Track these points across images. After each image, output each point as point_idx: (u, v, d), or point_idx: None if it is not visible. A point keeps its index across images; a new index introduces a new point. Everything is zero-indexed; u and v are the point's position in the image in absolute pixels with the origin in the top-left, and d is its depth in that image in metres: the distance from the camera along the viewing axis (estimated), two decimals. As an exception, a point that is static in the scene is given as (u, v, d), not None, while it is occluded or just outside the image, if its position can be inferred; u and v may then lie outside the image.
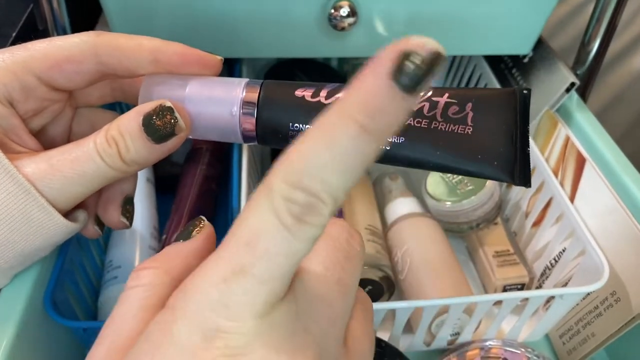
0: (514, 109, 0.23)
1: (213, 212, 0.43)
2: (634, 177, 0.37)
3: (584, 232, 0.35)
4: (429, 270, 0.39)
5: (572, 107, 0.43)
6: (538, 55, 0.46)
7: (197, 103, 0.25)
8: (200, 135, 0.25)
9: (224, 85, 0.25)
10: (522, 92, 0.23)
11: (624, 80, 0.64)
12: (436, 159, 0.24)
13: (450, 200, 0.41)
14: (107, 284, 0.36)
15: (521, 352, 0.36)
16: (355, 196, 0.43)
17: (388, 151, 0.24)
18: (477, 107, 0.23)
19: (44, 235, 0.24)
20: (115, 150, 0.23)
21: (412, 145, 0.23)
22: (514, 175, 0.23)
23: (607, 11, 0.41)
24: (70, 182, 0.23)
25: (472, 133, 0.23)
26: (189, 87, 0.25)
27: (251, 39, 0.40)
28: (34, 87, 0.25)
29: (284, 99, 0.24)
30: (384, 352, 0.34)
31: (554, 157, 0.42)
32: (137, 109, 0.23)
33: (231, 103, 0.24)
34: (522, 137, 0.23)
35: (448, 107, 0.23)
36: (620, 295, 0.35)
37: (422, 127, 0.23)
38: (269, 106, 0.24)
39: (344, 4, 0.38)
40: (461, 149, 0.23)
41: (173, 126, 0.23)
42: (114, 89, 0.29)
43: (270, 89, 0.25)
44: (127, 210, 0.28)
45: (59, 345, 0.32)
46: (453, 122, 0.23)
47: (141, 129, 0.23)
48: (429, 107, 0.23)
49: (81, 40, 0.24)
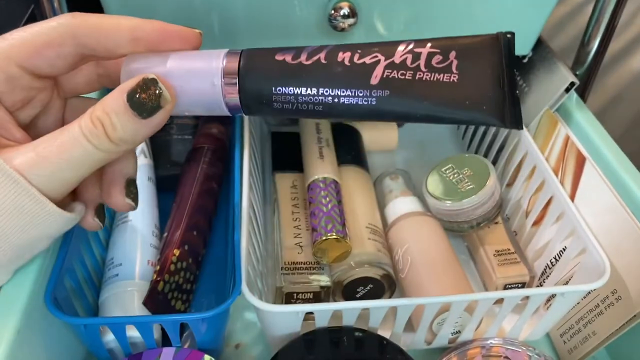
0: (499, 53, 0.23)
1: (214, 211, 0.43)
2: (634, 175, 0.37)
3: (585, 231, 0.35)
4: (430, 268, 0.39)
5: (572, 106, 0.43)
6: (538, 56, 0.46)
7: (178, 78, 0.24)
8: (185, 110, 0.25)
9: (204, 57, 0.25)
10: (506, 36, 0.23)
11: (623, 80, 0.64)
12: (423, 110, 0.23)
13: (451, 199, 0.41)
14: (108, 282, 0.36)
15: (522, 350, 0.36)
16: (356, 195, 0.43)
17: (373, 106, 0.24)
18: (461, 55, 0.23)
19: (39, 225, 0.24)
20: (102, 130, 0.23)
21: (397, 98, 0.23)
22: (505, 118, 0.23)
23: (607, 11, 0.42)
24: (59, 168, 0.23)
25: (458, 80, 0.23)
26: (169, 63, 0.25)
27: (251, 40, 0.41)
28: (18, 76, 0.24)
29: (265, 65, 0.24)
30: (385, 349, 0.34)
31: (554, 156, 0.42)
32: (120, 87, 0.23)
33: (212, 74, 0.24)
34: (509, 80, 0.23)
35: (431, 57, 0.23)
36: (621, 294, 0.35)
37: (407, 79, 0.23)
38: (250, 74, 0.24)
39: (344, 5, 0.38)
40: (448, 97, 0.23)
41: (158, 97, 0.23)
42: (100, 74, 0.29)
43: (250, 56, 0.25)
44: (130, 191, 0.28)
45: (59, 342, 0.32)
46: (438, 71, 0.23)
47: (126, 105, 0.23)
48: (411, 58, 0.23)
49: (58, 24, 0.24)
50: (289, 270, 0.38)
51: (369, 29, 0.40)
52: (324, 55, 0.24)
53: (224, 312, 0.31)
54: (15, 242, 0.24)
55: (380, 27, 0.41)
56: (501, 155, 0.47)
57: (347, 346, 0.34)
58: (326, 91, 0.24)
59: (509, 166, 0.46)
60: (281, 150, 0.48)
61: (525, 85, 0.47)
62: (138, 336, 0.32)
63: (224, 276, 0.39)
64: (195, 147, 0.45)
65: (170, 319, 0.31)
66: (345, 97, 0.24)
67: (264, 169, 0.48)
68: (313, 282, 0.38)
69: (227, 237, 0.40)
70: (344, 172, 0.44)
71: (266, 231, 0.43)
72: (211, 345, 0.34)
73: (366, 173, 0.46)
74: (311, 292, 0.38)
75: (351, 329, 0.34)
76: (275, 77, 0.24)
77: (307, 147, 0.44)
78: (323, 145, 0.44)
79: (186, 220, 0.38)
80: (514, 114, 0.23)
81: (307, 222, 0.40)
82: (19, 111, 0.26)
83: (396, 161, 0.53)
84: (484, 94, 0.23)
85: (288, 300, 0.38)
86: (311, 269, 0.38)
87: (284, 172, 0.45)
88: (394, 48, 0.24)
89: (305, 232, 0.40)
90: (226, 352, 0.39)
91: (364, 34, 0.41)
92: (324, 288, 0.38)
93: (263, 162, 0.49)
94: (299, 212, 0.42)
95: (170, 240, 0.37)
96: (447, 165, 0.43)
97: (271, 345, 0.36)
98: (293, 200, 0.43)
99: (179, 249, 0.36)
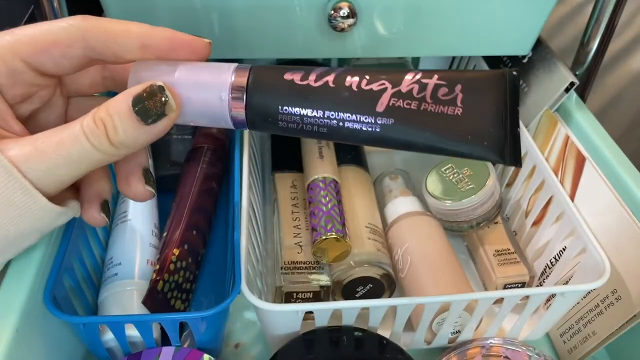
0: (503, 91, 0.23)
1: (214, 210, 0.43)
2: (634, 175, 0.37)
3: (585, 231, 0.35)
4: (430, 268, 0.39)
5: (572, 106, 0.43)
6: (537, 56, 0.46)
7: (186, 88, 0.24)
8: (191, 121, 0.25)
9: (213, 70, 0.25)
10: (512, 74, 0.24)
11: (622, 80, 0.64)
12: (426, 140, 0.24)
13: (451, 199, 0.41)
14: (108, 281, 0.36)
15: (522, 350, 0.36)
16: (356, 195, 0.43)
17: (377, 133, 0.24)
18: (466, 89, 0.23)
19: (30, 218, 0.24)
20: (103, 131, 0.23)
21: (401, 127, 0.24)
22: (505, 155, 0.23)
23: (606, 11, 0.42)
24: (55, 164, 0.23)
25: (462, 114, 0.23)
26: (177, 72, 0.25)
27: (251, 40, 0.41)
28: (22, 71, 0.24)
29: (273, 83, 0.24)
30: (385, 349, 0.34)
31: (553, 156, 0.42)
32: (127, 91, 0.23)
33: (220, 88, 0.24)
34: (511, 118, 0.23)
35: (437, 88, 0.23)
36: (621, 294, 0.35)
37: (412, 109, 0.23)
38: (258, 90, 0.24)
39: (344, 5, 0.38)
40: (451, 130, 0.23)
41: (163, 105, 0.23)
42: (105, 77, 0.29)
43: (259, 73, 0.25)
44: (149, 179, 0.28)
45: (58, 341, 0.32)
46: (442, 103, 0.23)
47: (130, 110, 0.23)
48: (418, 88, 0.24)
49: (68, 24, 0.24)
50: (288, 270, 0.38)
51: (368, 29, 0.40)
52: (332, 78, 0.24)
53: (224, 311, 0.31)
54: (3, 234, 0.24)
55: (380, 27, 0.41)
56: (501, 155, 0.47)
57: (347, 346, 0.34)
58: (332, 114, 0.24)
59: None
60: (281, 150, 0.48)
61: (525, 85, 0.47)
62: (137, 335, 0.32)
63: (224, 276, 0.39)
64: (195, 147, 0.45)
65: (170, 318, 0.31)
66: (350, 122, 0.24)
67: (263, 168, 0.48)
68: (313, 282, 0.38)
69: (227, 237, 0.40)
70: (344, 172, 0.44)
71: (266, 231, 0.43)
72: (211, 345, 0.34)
73: (366, 173, 0.46)
74: (311, 292, 0.38)
75: (351, 329, 0.34)
76: (282, 97, 0.24)
77: (307, 147, 0.44)
78: (323, 145, 0.44)
79: (186, 219, 0.38)
80: (514, 152, 0.23)
81: (307, 221, 0.40)
82: (19, 105, 0.26)
83: (396, 161, 0.53)
84: (486, 130, 0.23)
85: (288, 299, 0.38)
86: (311, 269, 0.38)
87: (284, 172, 0.45)
88: (402, 76, 0.24)
89: (304, 231, 0.40)
90: (226, 352, 0.39)
91: (364, 34, 0.41)
92: (323, 288, 0.38)
93: (263, 162, 0.49)
94: (298, 212, 0.42)
95: (169, 239, 0.37)
96: (447, 165, 0.43)
97: (271, 345, 0.36)
98: (293, 200, 0.43)
99: (179, 249, 0.36)
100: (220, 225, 0.44)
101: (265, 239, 0.43)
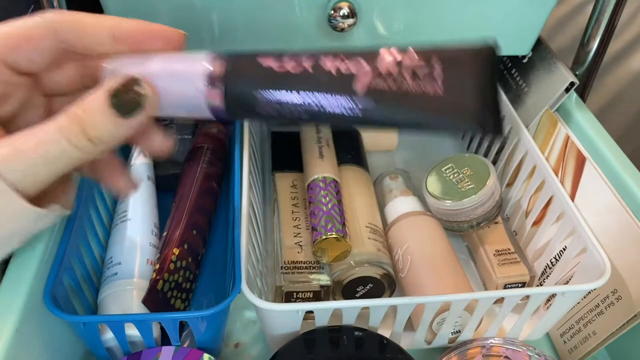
0: (482, 63, 0.23)
1: (214, 210, 0.43)
2: (633, 175, 0.37)
3: (585, 231, 0.35)
4: (430, 268, 0.39)
5: (572, 106, 0.43)
6: (537, 56, 0.46)
7: (161, 80, 0.24)
8: (169, 112, 0.25)
9: (187, 60, 0.25)
10: (489, 47, 0.24)
11: (622, 80, 0.64)
12: (407, 119, 0.24)
13: (451, 199, 0.41)
14: (107, 280, 0.36)
15: (522, 350, 0.36)
16: (356, 195, 0.43)
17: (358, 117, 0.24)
18: (445, 66, 0.23)
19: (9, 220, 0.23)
20: (80, 128, 0.23)
21: (382, 109, 0.24)
22: (486, 125, 0.24)
23: (606, 11, 0.42)
24: (34, 163, 0.23)
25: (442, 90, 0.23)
26: (152, 64, 0.24)
27: (251, 41, 0.41)
28: None
29: (250, 71, 0.24)
30: (385, 348, 0.34)
31: (554, 156, 0.42)
32: (102, 86, 0.23)
33: (196, 78, 0.24)
34: (491, 89, 0.23)
35: (416, 67, 0.23)
36: (622, 294, 0.35)
37: (392, 90, 0.23)
38: (235, 78, 0.24)
39: (344, 5, 0.38)
40: (431, 106, 0.23)
41: (139, 98, 0.23)
42: (83, 75, 0.28)
43: (236, 61, 0.24)
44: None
45: (58, 340, 0.32)
46: (422, 81, 0.23)
47: (107, 104, 0.23)
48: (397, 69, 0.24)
49: (40, 18, 0.24)
50: (288, 270, 0.38)
51: (368, 29, 0.40)
52: (310, 64, 0.24)
53: (224, 310, 0.31)
54: None
55: (380, 27, 0.41)
56: (501, 155, 0.47)
57: (347, 345, 0.34)
58: (312, 102, 0.24)
59: (509, 166, 0.46)
60: (281, 150, 0.48)
61: (525, 85, 0.47)
62: (137, 335, 0.32)
63: (224, 275, 0.39)
64: (195, 147, 0.45)
65: (170, 317, 0.31)
66: (330, 107, 0.24)
67: (263, 168, 0.48)
68: (313, 282, 0.38)
69: (227, 237, 0.40)
70: (344, 171, 0.44)
71: (266, 231, 0.43)
72: (210, 344, 0.34)
73: (366, 173, 0.46)
74: (311, 292, 0.38)
75: (351, 328, 0.34)
76: (259, 84, 0.24)
77: (307, 146, 0.44)
78: (323, 144, 0.44)
79: (186, 219, 0.38)
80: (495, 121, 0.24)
81: (307, 221, 0.40)
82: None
83: (396, 161, 0.53)
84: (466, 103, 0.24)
85: (288, 299, 0.38)
86: (311, 269, 0.38)
87: (284, 171, 0.45)
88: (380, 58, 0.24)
89: (305, 231, 0.40)
90: (226, 352, 0.39)
91: (364, 34, 0.41)
92: (323, 287, 0.38)
93: (263, 161, 0.49)
94: (298, 212, 0.42)
95: (169, 239, 0.37)
96: (447, 165, 0.43)
97: (271, 345, 0.36)
98: (293, 200, 0.43)
99: (179, 248, 0.36)
100: (220, 225, 0.44)
101: (266, 239, 0.43)
